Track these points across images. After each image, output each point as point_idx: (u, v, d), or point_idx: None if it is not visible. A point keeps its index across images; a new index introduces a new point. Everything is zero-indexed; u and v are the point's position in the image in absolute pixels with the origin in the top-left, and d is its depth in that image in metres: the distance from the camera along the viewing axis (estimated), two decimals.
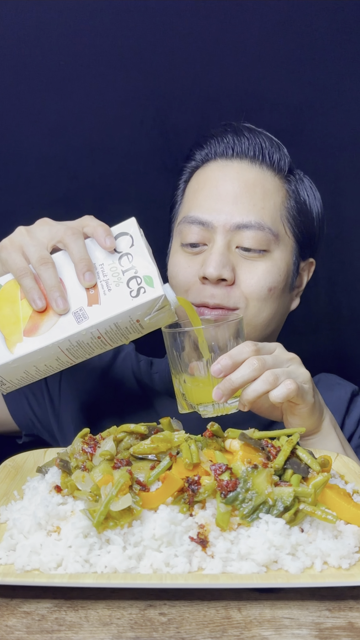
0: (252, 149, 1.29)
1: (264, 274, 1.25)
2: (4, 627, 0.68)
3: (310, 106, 1.64)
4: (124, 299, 0.98)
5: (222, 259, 1.22)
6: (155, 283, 0.98)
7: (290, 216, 1.30)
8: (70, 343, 0.98)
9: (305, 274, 1.39)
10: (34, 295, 0.98)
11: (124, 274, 1.00)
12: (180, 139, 1.59)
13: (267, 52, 1.61)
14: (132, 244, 1.02)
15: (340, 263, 1.72)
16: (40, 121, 1.61)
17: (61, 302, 0.98)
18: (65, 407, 1.38)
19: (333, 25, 1.60)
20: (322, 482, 0.82)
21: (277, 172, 1.31)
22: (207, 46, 1.60)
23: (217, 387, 1.01)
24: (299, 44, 1.61)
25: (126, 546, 0.76)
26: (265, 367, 1.00)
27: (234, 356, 1.01)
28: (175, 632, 0.68)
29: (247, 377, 1.00)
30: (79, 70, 1.60)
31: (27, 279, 0.99)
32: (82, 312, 0.98)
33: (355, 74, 1.63)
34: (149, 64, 1.60)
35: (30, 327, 0.98)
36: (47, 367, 1.01)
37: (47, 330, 0.97)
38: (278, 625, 0.69)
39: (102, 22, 1.58)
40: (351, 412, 1.34)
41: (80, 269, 0.99)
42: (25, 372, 1.00)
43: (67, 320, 0.98)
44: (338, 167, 1.66)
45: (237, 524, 0.80)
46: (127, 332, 1.01)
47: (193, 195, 1.31)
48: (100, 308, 0.98)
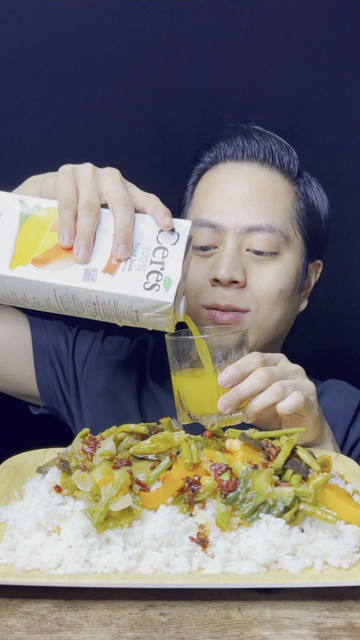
0: (262, 151, 1.30)
1: (275, 276, 1.25)
2: (4, 627, 0.68)
3: (311, 106, 1.64)
4: (136, 286, 0.97)
5: (234, 261, 1.22)
6: (171, 289, 0.97)
7: (299, 218, 1.31)
8: (67, 293, 0.98)
9: (312, 276, 1.40)
10: (65, 230, 0.97)
11: (150, 264, 0.99)
12: (180, 139, 1.59)
13: (267, 52, 1.61)
14: (174, 243, 1.01)
15: (341, 263, 1.72)
16: (40, 121, 1.61)
17: (83, 251, 0.97)
18: (85, 391, 1.37)
19: (334, 25, 1.60)
20: (322, 482, 0.82)
21: (286, 174, 1.31)
22: (207, 46, 1.60)
23: (223, 397, 0.99)
24: (300, 43, 1.61)
25: (126, 546, 0.76)
26: (273, 378, 1.00)
27: (242, 367, 1.00)
28: (175, 632, 0.68)
29: (255, 388, 0.99)
30: (78, 70, 1.60)
31: (69, 212, 0.98)
32: (93, 272, 0.97)
33: (356, 74, 1.63)
34: (149, 64, 1.60)
35: (42, 258, 0.98)
36: (34, 300, 1.00)
37: (54, 269, 0.97)
38: (278, 626, 0.69)
39: (102, 22, 1.58)
40: (357, 421, 1.33)
41: (118, 238, 0.98)
42: (12, 293, 1.00)
43: (76, 272, 0.97)
44: (338, 167, 1.66)
45: (237, 524, 0.80)
46: (122, 315, 1.00)
47: (203, 198, 1.31)
48: (111, 280, 0.97)
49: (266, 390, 0.99)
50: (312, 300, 1.45)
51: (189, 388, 1.05)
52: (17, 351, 1.33)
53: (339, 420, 1.29)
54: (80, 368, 1.39)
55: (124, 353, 1.41)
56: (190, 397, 1.05)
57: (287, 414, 0.99)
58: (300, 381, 1.04)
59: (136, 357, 1.42)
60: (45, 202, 1.02)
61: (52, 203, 1.02)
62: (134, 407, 1.34)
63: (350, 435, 1.32)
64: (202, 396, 1.04)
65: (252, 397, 0.99)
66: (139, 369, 1.40)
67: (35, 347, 1.35)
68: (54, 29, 1.57)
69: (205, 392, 1.03)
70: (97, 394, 1.35)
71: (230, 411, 0.99)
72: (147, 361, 1.43)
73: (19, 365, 1.34)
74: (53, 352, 1.36)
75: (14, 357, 1.33)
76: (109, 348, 1.41)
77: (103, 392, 1.35)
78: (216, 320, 1.23)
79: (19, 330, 1.34)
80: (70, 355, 1.38)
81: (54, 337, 1.38)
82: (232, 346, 1.05)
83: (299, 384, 1.03)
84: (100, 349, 1.40)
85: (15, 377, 1.35)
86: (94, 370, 1.38)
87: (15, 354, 1.33)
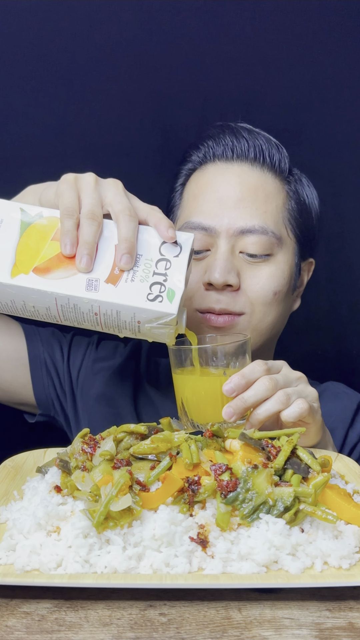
0: (252, 150, 1.28)
1: (269, 278, 1.24)
2: (3, 627, 0.68)
3: (310, 106, 1.64)
4: (139, 297, 0.97)
5: (227, 264, 1.21)
6: (175, 300, 0.97)
7: (291, 217, 1.29)
8: (68, 302, 0.97)
9: (305, 274, 1.39)
10: (67, 238, 0.97)
11: (153, 275, 0.99)
12: (180, 139, 1.58)
13: (266, 52, 1.61)
14: (177, 255, 1.01)
15: (340, 262, 1.72)
16: (39, 121, 1.61)
17: (86, 260, 0.96)
18: (81, 397, 1.37)
19: (332, 25, 1.60)
20: (323, 482, 0.82)
21: (277, 173, 1.30)
22: (206, 46, 1.60)
23: (228, 405, 0.98)
24: (298, 43, 1.61)
25: (126, 546, 0.76)
26: (277, 387, 0.99)
27: (247, 375, 1.00)
28: (175, 633, 0.68)
29: (260, 396, 0.98)
30: (78, 70, 1.60)
31: (70, 221, 0.97)
32: (96, 282, 0.97)
33: (355, 74, 1.63)
34: (149, 64, 1.60)
35: (43, 267, 0.97)
36: (34, 309, 1.00)
37: (55, 279, 0.97)
38: (278, 626, 0.69)
39: (102, 22, 1.58)
40: (355, 423, 1.33)
41: (122, 248, 0.97)
42: (11, 301, 0.99)
43: (79, 281, 0.97)
44: (338, 166, 1.66)
45: (237, 524, 0.79)
46: (123, 325, 1.00)
47: (193, 200, 1.29)
48: (114, 290, 0.97)
49: (271, 398, 0.99)
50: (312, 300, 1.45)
51: (191, 397, 1.05)
52: (12, 359, 1.33)
53: (337, 423, 1.29)
54: (75, 375, 1.38)
55: (118, 358, 1.41)
56: (193, 405, 1.05)
57: (292, 421, 0.98)
58: (303, 388, 1.04)
59: (131, 362, 1.41)
60: (47, 211, 1.02)
61: (53, 212, 1.01)
62: (130, 411, 1.34)
63: (349, 437, 1.32)
64: (206, 405, 1.03)
65: (256, 405, 0.99)
66: (134, 373, 1.40)
67: (30, 355, 1.34)
68: (53, 29, 1.57)
69: (209, 401, 1.02)
70: (93, 399, 1.35)
71: (235, 419, 0.98)
72: (141, 365, 1.42)
73: (13, 374, 1.34)
74: (49, 360, 1.36)
75: (8, 365, 1.33)
76: (103, 353, 1.41)
77: (99, 397, 1.34)
78: (211, 324, 1.23)
79: (14, 338, 1.34)
80: (65, 363, 1.38)
81: (49, 346, 1.37)
82: (235, 354, 1.05)
83: (302, 392, 1.02)
84: (94, 355, 1.40)
85: (10, 385, 1.35)
86: (89, 376, 1.38)
87: (10, 362, 1.33)
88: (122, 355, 1.41)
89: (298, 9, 1.59)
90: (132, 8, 1.57)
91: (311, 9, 1.58)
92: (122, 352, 1.42)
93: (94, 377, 1.37)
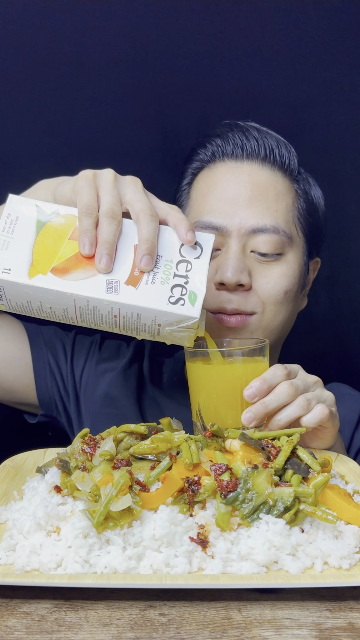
0: (262, 149, 1.27)
1: (280, 277, 1.24)
2: (3, 627, 0.68)
3: (311, 105, 1.64)
4: (160, 299, 0.95)
5: (239, 264, 1.20)
6: (197, 303, 0.96)
7: (301, 216, 1.29)
8: (88, 304, 0.95)
9: (312, 273, 1.39)
10: (86, 238, 0.94)
11: (174, 277, 0.96)
12: (180, 139, 1.58)
13: (267, 51, 1.61)
14: (198, 257, 0.99)
15: (341, 262, 1.72)
16: (39, 120, 1.61)
17: (106, 260, 0.94)
18: (84, 398, 1.36)
19: (333, 24, 1.60)
20: (323, 483, 0.82)
21: (287, 172, 1.29)
22: (207, 45, 1.60)
23: (248, 410, 0.97)
24: (299, 42, 1.61)
25: (126, 546, 0.76)
26: (298, 392, 0.99)
27: (268, 380, 0.99)
28: (175, 633, 0.68)
29: (281, 401, 0.97)
30: (78, 70, 1.60)
31: (89, 219, 0.95)
32: (116, 284, 0.94)
33: (355, 74, 1.63)
34: (149, 64, 1.60)
35: (61, 267, 0.94)
36: (51, 310, 0.97)
37: (74, 279, 0.94)
38: (278, 626, 0.69)
39: (102, 22, 1.58)
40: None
41: (142, 249, 0.95)
42: (27, 302, 0.96)
43: (99, 282, 0.94)
44: (338, 166, 1.66)
45: (237, 524, 0.79)
46: (142, 328, 0.98)
47: (202, 199, 1.28)
48: (134, 292, 0.94)
49: (292, 404, 0.98)
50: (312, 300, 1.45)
51: (209, 402, 1.04)
52: (14, 359, 1.32)
53: (343, 425, 1.28)
54: (79, 376, 1.38)
55: (121, 358, 1.40)
56: (211, 410, 1.03)
57: (312, 426, 0.98)
58: (321, 393, 1.03)
59: (134, 361, 1.41)
60: (63, 208, 0.99)
61: (70, 210, 0.99)
62: (134, 412, 1.33)
63: (355, 439, 1.32)
64: (224, 410, 1.02)
65: (277, 410, 0.98)
66: (137, 373, 1.39)
67: (34, 356, 1.33)
68: (53, 29, 1.57)
69: (228, 406, 1.01)
70: (97, 401, 1.34)
71: (255, 425, 0.98)
72: (144, 365, 1.42)
73: (16, 374, 1.33)
74: (53, 361, 1.35)
75: (11, 365, 1.32)
76: (106, 354, 1.41)
77: (103, 398, 1.34)
78: (223, 324, 1.22)
79: (16, 338, 1.33)
80: (69, 364, 1.37)
81: (52, 346, 1.37)
82: (254, 359, 1.03)
83: (320, 396, 1.02)
84: (98, 355, 1.40)
85: (12, 385, 1.34)
86: (93, 377, 1.37)
87: (13, 362, 1.32)
88: (125, 356, 1.41)
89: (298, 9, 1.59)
90: (133, 8, 1.57)
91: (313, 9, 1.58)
92: (125, 352, 1.42)
93: (97, 379, 1.37)
